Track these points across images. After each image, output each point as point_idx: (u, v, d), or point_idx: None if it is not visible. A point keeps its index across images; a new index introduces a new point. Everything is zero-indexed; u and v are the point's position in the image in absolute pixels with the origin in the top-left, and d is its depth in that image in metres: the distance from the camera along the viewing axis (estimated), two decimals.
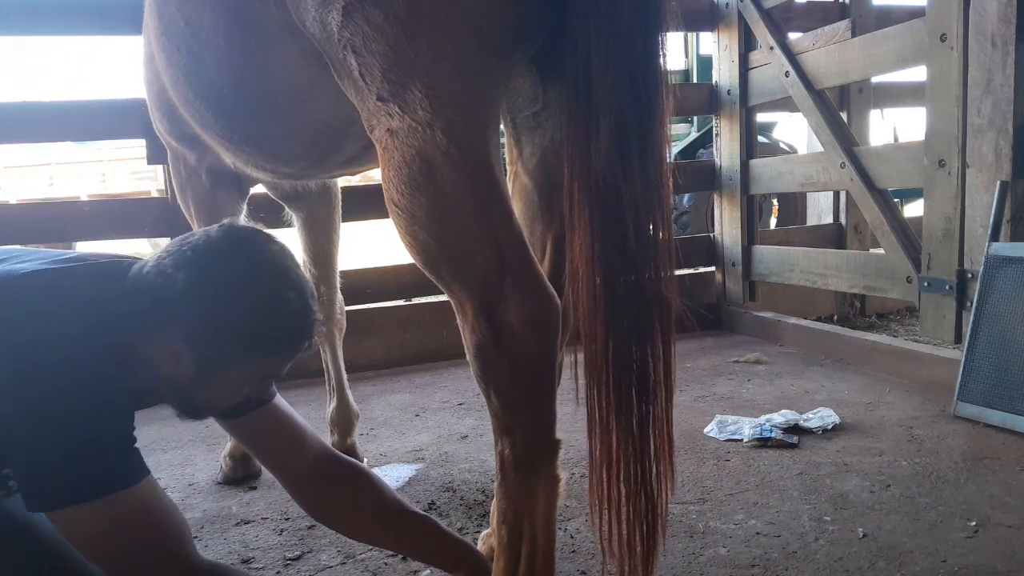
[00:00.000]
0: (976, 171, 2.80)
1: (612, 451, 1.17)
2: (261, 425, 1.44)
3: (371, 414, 3.01)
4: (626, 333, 1.15)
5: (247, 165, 1.88)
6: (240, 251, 1.19)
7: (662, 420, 1.19)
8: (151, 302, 1.16)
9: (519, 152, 1.49)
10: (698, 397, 3.06)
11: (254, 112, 1.63)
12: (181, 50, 1.68)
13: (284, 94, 1.54)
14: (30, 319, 1.11)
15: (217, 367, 1.19)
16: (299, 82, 1.46)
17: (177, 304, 1.15)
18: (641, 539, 1.18)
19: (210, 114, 1.71)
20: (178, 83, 1.76)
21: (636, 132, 1.13)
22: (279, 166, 1.81)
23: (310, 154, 1.73)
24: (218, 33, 1.53)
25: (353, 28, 1.15)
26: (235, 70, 1.56)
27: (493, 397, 1.21)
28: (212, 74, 1.62)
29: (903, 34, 3.13)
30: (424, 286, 3.95)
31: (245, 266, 1.18)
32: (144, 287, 1.18)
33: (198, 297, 1.15)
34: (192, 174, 2.19)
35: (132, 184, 11.57)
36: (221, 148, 1.87)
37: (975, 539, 1.78)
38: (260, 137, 1.70)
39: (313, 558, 1.85)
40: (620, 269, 1.15)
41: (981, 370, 2.59)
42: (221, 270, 1.16)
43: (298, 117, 1.59)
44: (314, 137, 1.65)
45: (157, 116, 2.11)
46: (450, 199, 1.16)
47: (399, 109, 1.15)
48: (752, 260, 4.29)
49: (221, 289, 1.15)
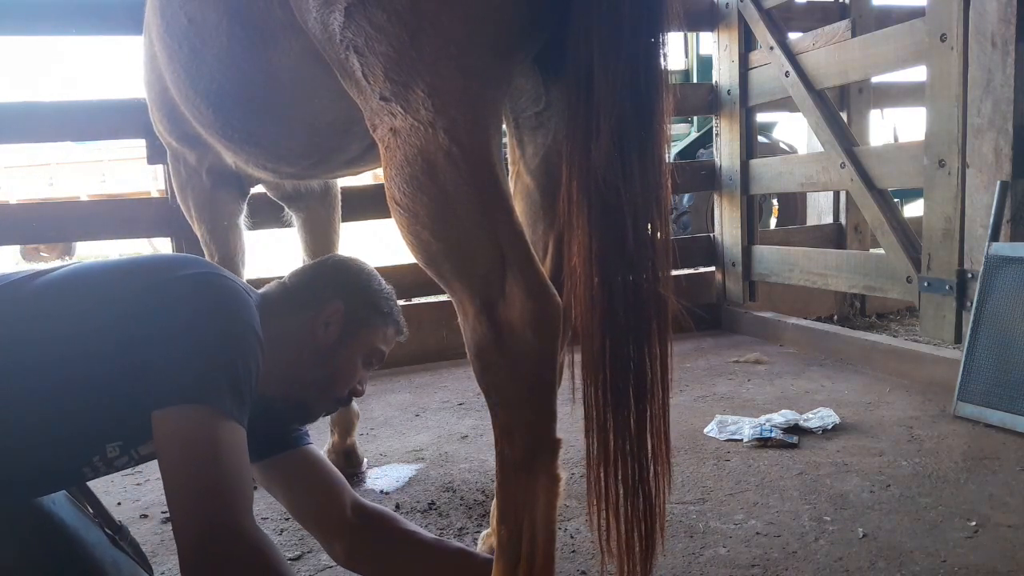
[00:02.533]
0: (976, 171, 2.80)
1: (609, 450, 1.17)
2: (297, 467, 1.49)
3: (371, 414, 3.01)
4: (623, 332, 1.15)
5: (248, 164, 1.88)
6: (350, 261, 1.58)
7: (659, 419, 1.18)
8: (303, 286, 1.47)
9: (522, 152, 1.49)
10: (698, 397, 3.06)
11: (256, 111, 1.63)
12: (183, 48, 1.67)
13: (286, 93, 1.54)
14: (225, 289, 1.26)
15: (356, 326, 1.44)
16: (301, 82, 1.46)
17: (328, 278, 1.48)
18: (639, 539, 1.18)
19: (211, 112, 1.71)
20: (180, 81, 1.75)
21: (636, 132, 1.13)
22: (281, 166, 1.81)
23: (312, 154, 1.73)
24: (221, 32, 1.53)
25: (355, 28, 1.16)
26: (237, 69, 1.56)
27: (493, 396, 1.21)
28: (214, 72, 1.62)
29: (903, 34, 3.13)
30: (424, 286, 3.95)
31: (361, 265, 1.56)
32: (287, 288, 1.48)
33: (340, 275, 1.49)
34: (192, 174, 2.19)
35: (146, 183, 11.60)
36: (222, 147, 1.87)
37: (975, 539, 1.78)
38: (262, 136, 1.70)
39: (313, 558, 1.85)
40: (618, 268, 1.15)
41: (981, 370, 2.59)
42: (347, 264, 1.55)
43: (300, 117, 1.59)
44: (316, 137, 1.64)
45: (157, 116, 2.11)
46: (451, 198, 1.17)
47: (401, 109, 1.16)
48: (752, 260, 4.29)
49: (352, 272, 1.51)
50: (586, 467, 1.20)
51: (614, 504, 1.18)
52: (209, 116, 1.73)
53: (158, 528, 2.07)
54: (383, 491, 2.25)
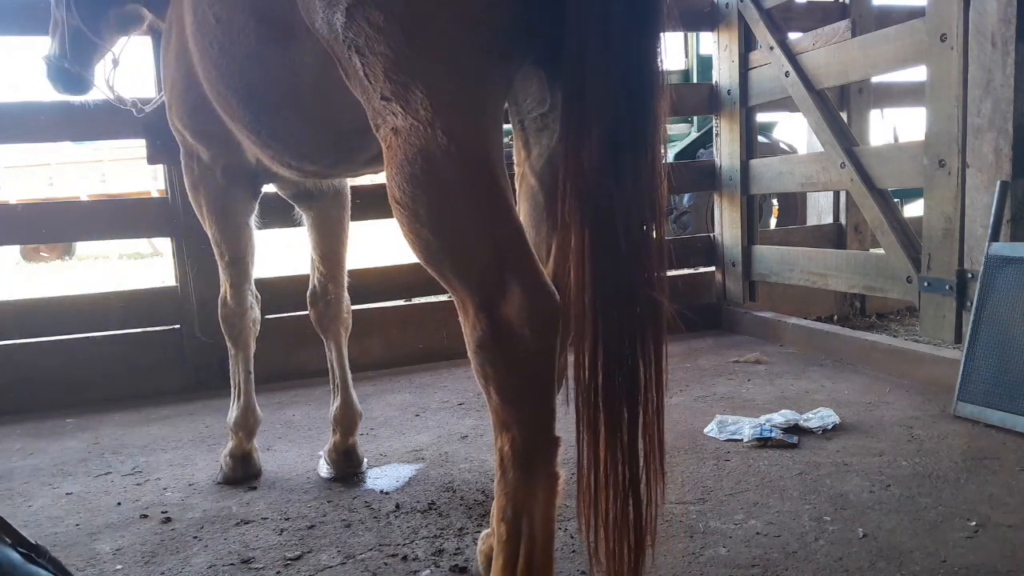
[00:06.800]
0: (976, 171, 2.80)
1: (600, 456, 1.14)
2: None
3: (371, 414, 3.01)
4: (617, 335, 1.14)
5: (273, 161, 1.91)
6: None
7: (652, 424, 1.16)
8: None
9: (527, 153, 1.49)
10: (698, 397, 3.06)
11: (282, 109, 1.67)
12: (213, 46, 1.73)
13: (310, 92, 1.58)
14: None
15: None
16: (324, 81, 1.48)
17: None
18: (628, 548, 1.15)
19: (241, 108, 1.76)
20: (211, 77, 1.81)
21: (629, 133, 1.12)
22: (305, 164, 1.84)
23: (335, 152, 1.76)
24: (247, 31, 1.59)
25: (356, 29, 1.17)
26: (264, 67, 1.61)
27: (493, 394, 1.21)
28: (243, 70, 1.67)
29: (903, 34, 3.13)
30: (424, 286, 3.96)
31: None
32: None
33: None
34: (206, 172, 2.22)
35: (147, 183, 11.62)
36: (250, 142, 1.91)
37: (975, 539, 1.78)
38: (288, 134, 1.74)
39: (313, 558, 1.85)
40: (611, 270, 1.13)
41: (981, 370, 2.59)
42: None
43: (324, 116, 1.62)
44: (339, 136, 1.68)
45: (178, 111, 2.14)
46: (451, 197, 1.17)
47: (401, 108, 1.17)
48: (752, 260, 4.29)
49: None
50: (577, 473, 1.18)
51: (603, 512, 1.15)
52: (238, 111, 1.78)
53: (158, 528, 2.07)
54: (383, 491, 2.25)
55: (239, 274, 2.34)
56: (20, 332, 3.41)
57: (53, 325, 3.47)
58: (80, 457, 2.71)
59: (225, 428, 2.47)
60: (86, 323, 3.52)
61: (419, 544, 1.88)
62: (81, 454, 2.74)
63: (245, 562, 1.84)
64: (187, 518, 2.13)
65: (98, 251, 13.53)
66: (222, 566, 1.83)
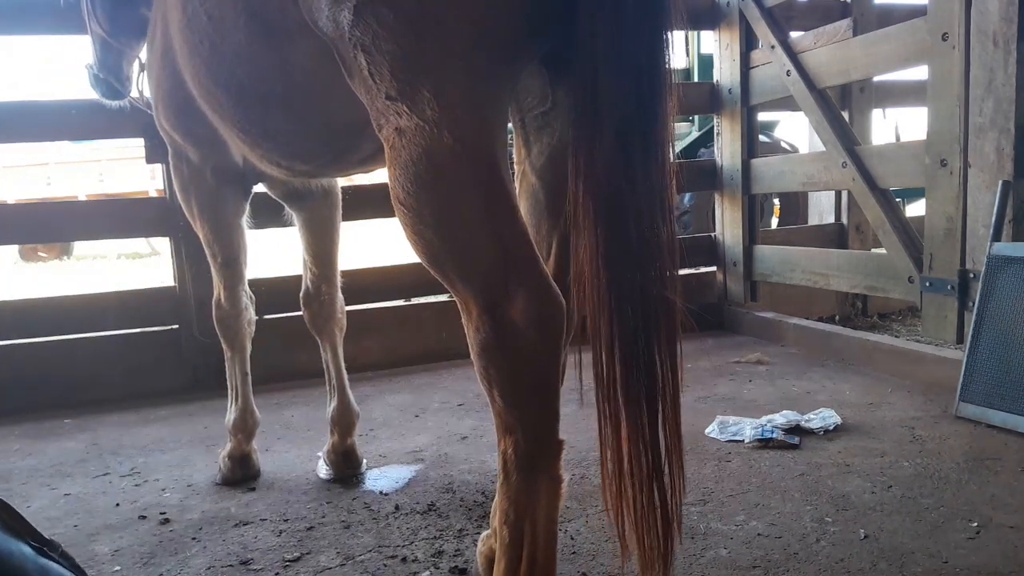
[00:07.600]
0: (978, 170, 2.79)
1: (624, 451, 1.17)
2: None
3: (370, 415, 3.00)
4: (633, 333, 1.15)
5: (263, 161, 1.89)
6: None
7: (671, 419, 1.18)
8: None
9: (527, 151, 1.49)
10: (699, 398, 3.05)
11: (272, 108, 1.65)
12: (204, 43, 1.71)
13: (302, 92, 1.56)
14: None
15: None
16: (316, 81, 1.47)
17: None
18: (657, 537, 1.18)
19: (231, 107, 1.74)
20: (200, 75, 1.79)
21: (640, 132, 1.13)
22: (296, 163, 1.83)
23: (327, 152, 1.74)
24: (239, 29, 1.57)
25: (364, 27, 1.16)
26: (255, 65, 1.59)
27: (496, 396, 1.20)
28: (234, 68, 1.65)
29: (905, 33, 3.13)
30: (424, 286, 3.94)
31: None
32: None
33: None
34: (196, 173, 2.20)
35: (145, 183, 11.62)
36: (239, 141, 1.89)
37: (977, 540, 1.77)
38: (278, 133, 1.72)
39: (312, 559, 1.84)
40: (625, 269, 1.14)
41: (983, 370, 2.58)
42: None
43: (316, 115, 1.61)
44: (331, 136, 1.66)
45: (165, 111, 2.12)
46: (456, 198, 1.17)
47: (407, 108, 1.16)
48: (753, 260, 4.28)
49: None
50: (601, 469, 1.20)
51: (631, 503, 1.18)
52: (229, 110, 1.76)
53: (156, 529, 2.06)
54: (383, 492, 2.24)
55: (233, 275, 2.32)
56: (18, 332, 3.40)
57: (51, 325, 3.46)
58: (78, 458, 2.70)
59: (224, 429, 2.46)
60: (84, 323, 3.51)
61: (419, 545, 1.88)
62: (79, 455, 2.73)
63: (244, 563, 1.83)
64: (186, 519, 2.12)
65: (96, 251, 13.53)
66: (221, 567, 1.82)
